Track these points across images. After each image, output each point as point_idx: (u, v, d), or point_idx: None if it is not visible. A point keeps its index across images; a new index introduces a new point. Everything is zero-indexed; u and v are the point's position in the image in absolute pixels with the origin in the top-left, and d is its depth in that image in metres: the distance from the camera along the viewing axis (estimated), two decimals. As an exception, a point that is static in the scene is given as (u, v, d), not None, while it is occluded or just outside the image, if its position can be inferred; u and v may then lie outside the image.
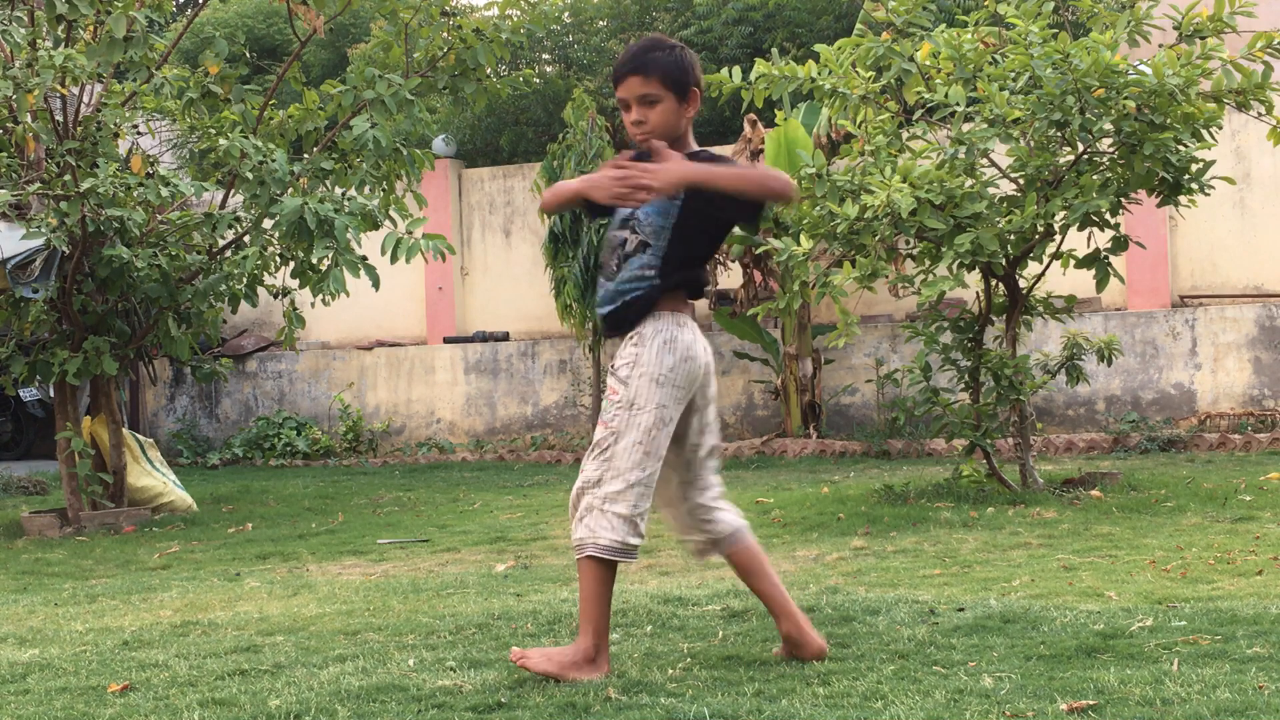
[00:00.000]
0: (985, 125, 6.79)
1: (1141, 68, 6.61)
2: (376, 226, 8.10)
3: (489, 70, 8.53)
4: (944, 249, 6.73)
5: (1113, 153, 6.89)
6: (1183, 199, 6.92)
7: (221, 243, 8.59)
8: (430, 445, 13.15)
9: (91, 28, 7.88)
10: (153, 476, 8.93)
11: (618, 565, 3.51)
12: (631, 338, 3.58)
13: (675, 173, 3.45)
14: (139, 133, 9.21)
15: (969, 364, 7.38)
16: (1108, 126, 6.68)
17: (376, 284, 7.73)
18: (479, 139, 14.64)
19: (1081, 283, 8.49)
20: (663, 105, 3.59)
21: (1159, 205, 7.09)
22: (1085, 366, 7.96)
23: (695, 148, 3.68)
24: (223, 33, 8.74)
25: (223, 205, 8.53)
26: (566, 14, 14.82)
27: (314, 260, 7.84)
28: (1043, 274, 7.34)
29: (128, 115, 8.39)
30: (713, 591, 4.73)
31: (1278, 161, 11.09)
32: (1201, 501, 6.76)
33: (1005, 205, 7.03)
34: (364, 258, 7.74)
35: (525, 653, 3.49)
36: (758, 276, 11.65)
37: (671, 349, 3.53)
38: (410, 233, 7.80)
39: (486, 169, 14.05)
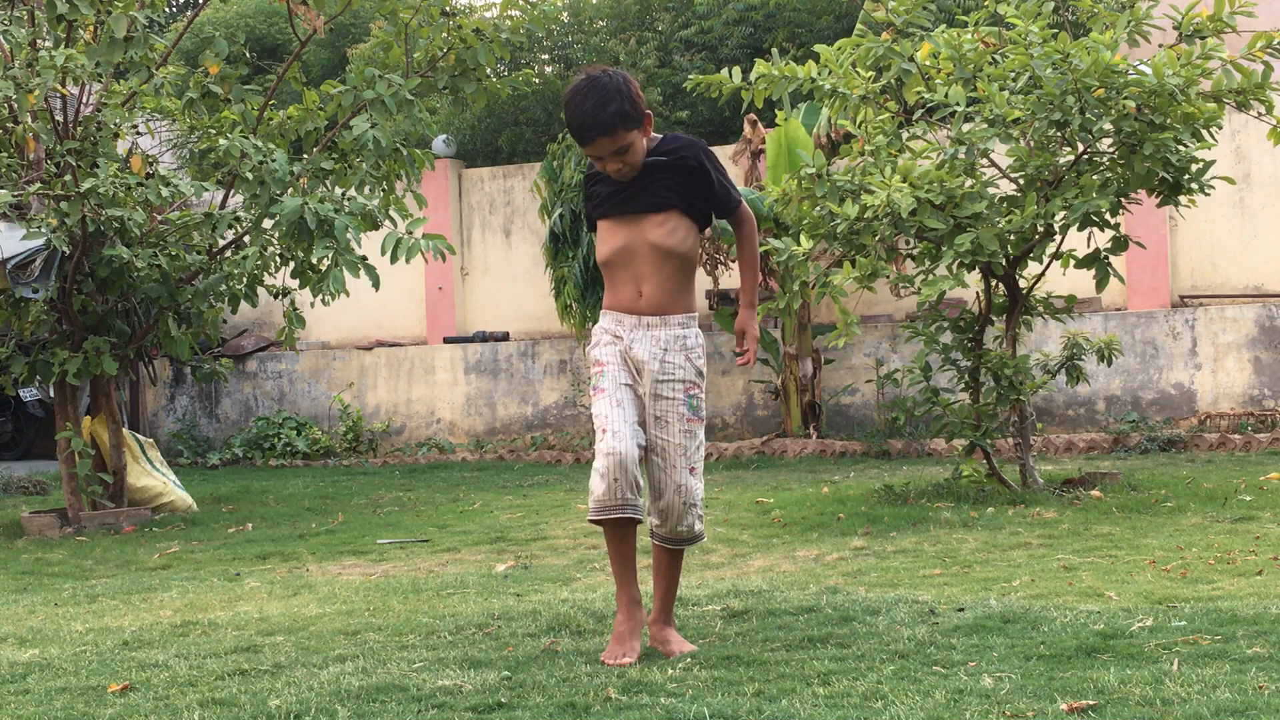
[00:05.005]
0: (985, 125, 6.78)
1: (1141, 68, 6.60)
2: (376, 226, 8.10)
3: (489, 70, 8.53)
4: (944, 249, 6.73)
5: (1113, 153, 6.89)
6: (1183, 199, 6.91)
7: (221, 243, 8.59)
8: (430, 445, 13.14)
9: (91, 28, 7.88)
10: (153, 476, 8.92)
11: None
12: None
13: (756, 326, 3.98)
14: (139, 133, 9.19)
15: (969, 364, 7.37)
16: (1108, 126, 6.68)
17: (376, 284, 7.73)
18: (479, 139, 14.63)
19: (1081, 283, 8.49)
20: (634, 146, 3.83)
21: (1159, 205, 7.08)
22: (1085, 366, 7.96)
23: (648, 148, 3.89)
24: (223, 33, 8.73)
25: (223, 205, 8.53)
26: (566, 14, 14.81)
27: (314, 260, 7.84)
28: (1043, 274, 7.34)
29: (128, 115, 8.38)
30: (713, 591, 4.73)
31: (1278, 161, 11.09)
32: (1201, 501, 6.76)
33: (1005, 205, 7.02)
34: (364, 258, 7.74)
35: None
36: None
37: None
38: (410, 233, 7.80)
39: (486, 169, 14.05)
